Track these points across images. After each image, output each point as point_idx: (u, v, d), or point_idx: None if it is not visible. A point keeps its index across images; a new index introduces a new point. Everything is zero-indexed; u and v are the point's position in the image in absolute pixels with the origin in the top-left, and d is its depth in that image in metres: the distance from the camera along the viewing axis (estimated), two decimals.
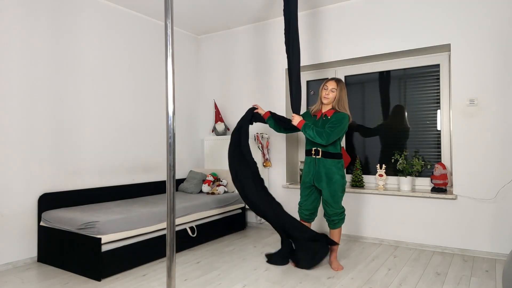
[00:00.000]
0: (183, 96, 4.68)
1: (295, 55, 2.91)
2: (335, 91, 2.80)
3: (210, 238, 3.73)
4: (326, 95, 2.81)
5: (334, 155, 2.81)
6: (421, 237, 3.43)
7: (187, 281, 2.64)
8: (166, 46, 1.83)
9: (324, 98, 2.82)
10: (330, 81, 2.83)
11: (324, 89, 2.83)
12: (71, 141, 3.40)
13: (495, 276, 2.69)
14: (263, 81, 4.36)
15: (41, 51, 3.19)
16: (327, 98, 2.81)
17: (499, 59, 3.09)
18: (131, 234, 2.87)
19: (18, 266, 3.00)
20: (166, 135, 1.81)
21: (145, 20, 4.16)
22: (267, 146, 4.25)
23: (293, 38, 2.90)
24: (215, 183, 4.23)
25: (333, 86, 2.80)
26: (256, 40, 4.42)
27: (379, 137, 3.89)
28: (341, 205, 2.85)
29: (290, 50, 2.90)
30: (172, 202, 1.84)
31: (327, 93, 2.80)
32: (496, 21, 3.10)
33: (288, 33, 2.93)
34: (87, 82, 3.55)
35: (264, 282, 2.60)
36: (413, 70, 3.70)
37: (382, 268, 2.89)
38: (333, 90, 2.80)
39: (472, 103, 3.18)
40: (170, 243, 1.84)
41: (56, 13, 3.31)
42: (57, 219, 2.95)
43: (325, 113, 2.85)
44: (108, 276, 2.73)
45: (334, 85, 2.80)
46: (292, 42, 2.90)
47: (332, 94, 2.80)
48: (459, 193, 3.25)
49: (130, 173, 3.95)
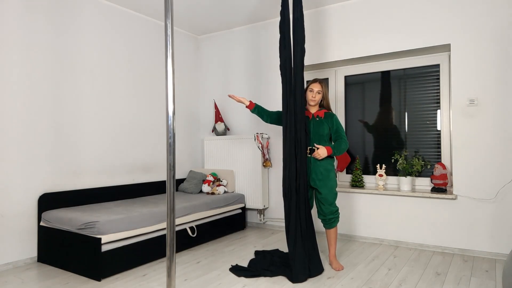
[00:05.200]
0: (183, 96, 4.68)
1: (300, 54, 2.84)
2: (321, 92, 2.90)
3: (210, 238, 3.73)
4: (313, 98, 2.88)
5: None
6: (421, 237, 3.43)
7: (187, 281, 2.64)
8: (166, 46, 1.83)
9: (312, 100, 2.89)
10: (314, 84, 2.90)
11: (310, 91, 2.90)
12: (71, 141, 3.40)
13: (495, 276, 2.69)
14: (263, 81, 4.36)
15: (41, 51, 3.19)
16: (314, 100, 2.89)
17: (499, 59, 3.09)
18: (131, 234, 2.87)
19: (18, 266, 3.00)
20: (166, 135, 1.81)
21: (145, 20, 4.16)
22: (267, 146, 4.25)
23: (300, 36, 2.82)
24: (215, 183, 4.23)
25: (319, 88, 2.89)
26: (256, 40, 4.42)
27: (379, 137, 3.89)
28: (335, 203, 2.90)
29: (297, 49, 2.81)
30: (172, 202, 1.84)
31: (313, 95, 2.88)
32: (496, 21, 3.10)
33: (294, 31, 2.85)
34: (87, 82, 3.55)
35: (264, 282, 2.60)
36: (413, 70, 3.70)
37: (382, 268, 2.89)
38: (319, 92, 2.89)
39: (472, 103, 3.18)
40: (170, 243, 1.84)
41: (56, 13, 3.31)
42: (57, 219, 2.95)
43: (317, 113, 2.91)
44: (108, 276, 2.73)
45: (319, 87, 2.89)
46: (300, 42, 2.83)
47: (318, 96, 2.90)
48: (459, 193, 3.25)
49: (130, 173, 3.95)
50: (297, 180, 2.74)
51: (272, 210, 4.29)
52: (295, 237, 2.69)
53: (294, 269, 2.62)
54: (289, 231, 2.72)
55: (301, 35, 2.82)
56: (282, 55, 2.83)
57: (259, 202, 4.18)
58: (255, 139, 4.18)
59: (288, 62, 2.81)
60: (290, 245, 2.69)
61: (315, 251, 2.77)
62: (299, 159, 2.75)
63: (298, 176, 2.74)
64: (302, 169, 2.75)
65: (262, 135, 4.21)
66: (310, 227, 2.79)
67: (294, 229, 2.69)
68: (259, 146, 4.16)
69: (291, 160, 2.74)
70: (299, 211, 2.72)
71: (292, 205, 2.71)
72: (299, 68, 2.79)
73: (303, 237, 2.71)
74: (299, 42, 2.80)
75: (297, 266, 2.63)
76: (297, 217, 2.71)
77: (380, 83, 3.90)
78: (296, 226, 2.70)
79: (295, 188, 2.72)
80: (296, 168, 2.75)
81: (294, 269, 2.62)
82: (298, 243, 2.68)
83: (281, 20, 2.84)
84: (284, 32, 2.82)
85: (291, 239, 2.70)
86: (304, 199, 2.74)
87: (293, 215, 2.70)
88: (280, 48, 2.84)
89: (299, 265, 2.63)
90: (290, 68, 2.82)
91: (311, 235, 2.78)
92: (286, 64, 2.81)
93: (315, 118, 2.90)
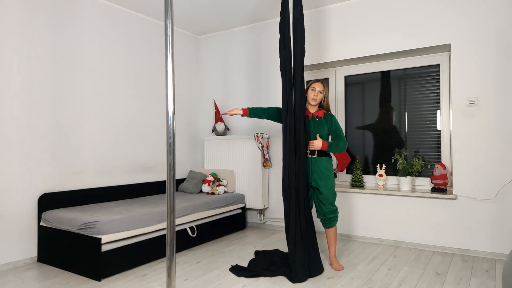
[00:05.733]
0: (183, 96, 4.68)
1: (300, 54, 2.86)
2: (323, 92, 2.91)
3: (210, 238, 3.73)
4: (315, 97, 2.90)
5: (327, 153, 2.91)
6: (421, 237, 3.43)
7: (187, 281, 2.64)
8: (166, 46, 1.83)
9: (313, 99, 2.90)
10: (316, 83, 2.91)
11: (311, 90, 2.91)
12: (71, 141, 3.40)
13: (495, 276, 2.69)
14: (263, 81, 4.36)
15: (41, 51, 3.19)
16: (315, 99, 2.90)
17: (499, 59, 3.09)
18: (131, 234, 2.87)
19: (18, 266, 3.00)
20: (166, 135, 1.81)
21: (145, 20, 4.16)
22: (267, 146, 4.25)
23: (300, 36, 2.85)
24: (215, 183, 4.23)
25: (321, 88, 2.90)
26: (256, 40, 4.42)
27: (379, 137, 3.89)
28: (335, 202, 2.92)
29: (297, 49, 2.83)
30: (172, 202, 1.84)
31: (315, 94, 2.89)
32: (496, 21, 3.10)
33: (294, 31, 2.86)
34: (87, 82, 3.55)
35: (264, 282, 2.60)
36: (413, 70, 3.70)
37: (382, 268, 2.89)
38: (321, 92, 2.90)
39: (472, 103, 3.18)
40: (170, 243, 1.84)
41: (57, 13, 3.31)
42: (57, 219, 2.95)
43: (316, 114, 2.92)
44: (108, 276, 2.73)
45: (321, 86, 2.91)
46: (300, 42, 2.84)
47: (320, 96, 2.91)
48: (459, 193, 3.25)
49: (130, 173, 3.95)
50: (296, 179, 2.74)
51: (272, 210, 4.29)
52: (295, 237, 2.69)
53: (294, 269, 2.62)
54: (289, 231, 2.72)
55: (301, 35, 2.82)
56: (282, 55, 2.84)
57: (259, 202, 4.18)
58: (255, 139, 4.18)
59: (288, 62, 2.82)
60: (290, 245, 2.69)
61: (315, 251, 2.77)
62: (299, 158, 2.75)
63: (298, 175, 2.74)
64: (301, 169, 2.75)
65: (262, 135, 4.21)
66: (310, 227, 2.79)
67: (294, 229, 2.69)
68: (259, 146, 4.16)
69: (291, 160, 2.74)
70: (299, 211, 2.72)
71: (292, 205, 2.72)
72: (298, 68, 2.79)
73: (303, 237, 2.71)
74: (299, 42, 2.80)
75: (297, 266, 2.63)
76: (297, 217, 2.71)
77: (380, 83, 3.90)
78: (296, 226, 2.70)
79: (295, 187, 2.73)
80: (295, 167, 2.75)
81: (294, 269, 2.62)
82: (298, 243, 2.68)
83: (281, 20, 2.85)
84: (284, 32, 2.83)
85: (291, 239, 2.70)
86: (304, 199, 2.75)
87: (293, 215, 2.70)
88: (280, 48, 2.85)
89: (299, 265, 2.63)
90: (290, 68, 2.82)
91: (311, 235, 2.78)
92: (286, 64, 2.82)
93: (314, 118, 2.91)
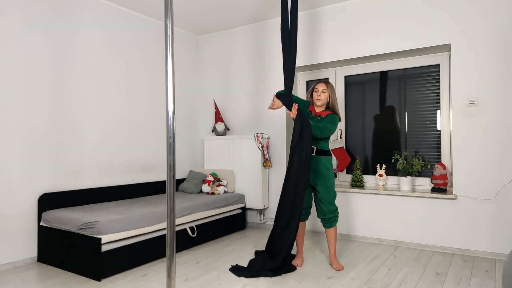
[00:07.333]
0: (183, 96, 4.68)
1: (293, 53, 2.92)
2: (326, 91, 2.91)
3: (210, 238, 3.73)
4: (318, 97, 2.91)
5: (326, 152, 2.92)
6: (421, 237, 3.43)
7: (187, 281, 2.64)
8: (166, 46, 1.83)
9: (318, 100, 2.91)
10: (319, 84, 2.94)
11: (315, 91, 2.94)
12: (71, 141, 3.40)
13: (495, 276, 2.69)
14: (263, 81, 4.36)
15: (41, 51, 3.19)
16: (320, 99, 2.91)
17: (499, 59, 3.09)
18: (131, 234, 2.87)
19: (18, 266, 3.00)
20: (166, 135, 1.81)
21: (145, 20, 4.16)
22: (267, 146, 4.25)
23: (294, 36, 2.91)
24: (215, 183, 4.23)
25: (323, 87, 2.92)
26: (256, 40, 4.42)
27: (379, 137, 3.89)
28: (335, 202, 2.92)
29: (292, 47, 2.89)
30: (172, 202, 1.84)
31: (318, 94, 2.91)
32: (496, 21, 3.10)
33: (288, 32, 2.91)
34: (87, 82, 3.55)
35: (264, 282, 2.60)
36: (413, 70, 3.70)
37: (382, 268, 2.89)
38: (324, 91, 2.91)
39: (472, 103, 3.18)
40: (170, 243, 1.84)
41: (56, 13, 3.31)
42: (57, 219, 2.95)
43: (319, 113, 2.94)
44: (108, 276, 2.73)
45: (324, 86, 2.92)
46: (294, 41, 2.90)
47: (324, 95, 2.91)
48: (459, 193, 3.25)
49: (130, 173, 3.95)
50: (296, 179, 2.75)
51: (272, 210, 4.29)
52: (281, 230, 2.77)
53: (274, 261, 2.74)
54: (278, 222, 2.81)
55: (294, 36, 2.88)
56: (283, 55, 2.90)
57: (259, 202, 4.18)
58: (255, 139, 4.18)
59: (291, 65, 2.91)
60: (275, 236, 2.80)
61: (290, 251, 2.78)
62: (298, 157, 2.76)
63: (298, 174, 2.75)
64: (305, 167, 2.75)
65: (262, 135, 4.21)
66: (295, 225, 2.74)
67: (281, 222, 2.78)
68: (259, 146, 4.16)
69: (294, 158, 2.76)
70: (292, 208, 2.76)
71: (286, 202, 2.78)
72: (289, 68, 2.85)
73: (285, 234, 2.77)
74: (292, 44, 2.87)
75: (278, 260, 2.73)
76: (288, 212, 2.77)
77: (380, 83, 3.90)
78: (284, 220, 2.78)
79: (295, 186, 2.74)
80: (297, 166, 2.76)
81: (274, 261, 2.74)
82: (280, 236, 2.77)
83: (281, 21, 2.91)
84: (284, 33, 2.89)
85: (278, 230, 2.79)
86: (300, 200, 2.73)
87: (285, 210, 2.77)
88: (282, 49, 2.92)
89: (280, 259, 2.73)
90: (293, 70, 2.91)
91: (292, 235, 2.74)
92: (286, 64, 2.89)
93: (316, 117, 2.94)
